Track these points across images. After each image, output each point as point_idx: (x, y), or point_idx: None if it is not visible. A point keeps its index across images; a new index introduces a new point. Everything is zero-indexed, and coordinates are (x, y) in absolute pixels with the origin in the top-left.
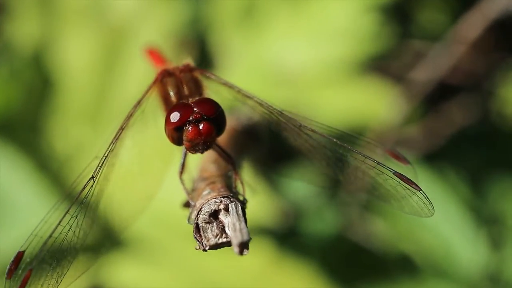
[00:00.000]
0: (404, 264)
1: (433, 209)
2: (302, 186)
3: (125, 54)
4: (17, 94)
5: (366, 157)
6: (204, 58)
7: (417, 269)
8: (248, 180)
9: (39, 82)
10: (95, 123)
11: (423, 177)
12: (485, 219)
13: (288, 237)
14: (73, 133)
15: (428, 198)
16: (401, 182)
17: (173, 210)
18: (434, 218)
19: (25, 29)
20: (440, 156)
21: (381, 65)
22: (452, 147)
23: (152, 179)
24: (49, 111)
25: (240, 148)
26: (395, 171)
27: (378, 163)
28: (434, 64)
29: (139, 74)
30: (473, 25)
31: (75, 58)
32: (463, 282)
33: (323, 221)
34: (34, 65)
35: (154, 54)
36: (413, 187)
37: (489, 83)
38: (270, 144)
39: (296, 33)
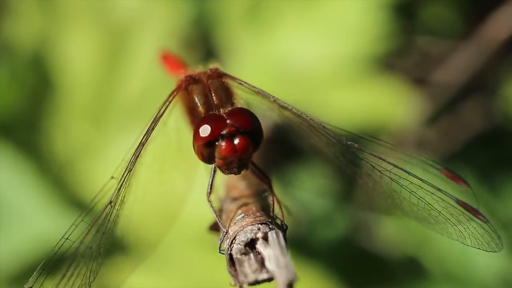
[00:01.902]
0: (415, 269)
1: (502, 244)
2: (307, 173)
3: (128, 53)
4: (17, 95)
5: (423, 182)
6: (210, 56)
7: (429, 274)
8: (284, 201)
9: (40, 82)
10: (97, 123)
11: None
12: (501, 222)
13: (297, 240)
14: (75, 134)
15: (496, 231)
16: (465, 212)
17: (182, 215)
18: None
19: (26, 28)
20: (456, 158)
21: (393, 63)
22: (467, 148)
23: (173, 200)
24: (50, 111)
25: (269, 161)
26: (458, 199)
27: (439, 189)
28: (455, 66)
29: (143, 73)
30: (502, 25)
31: (77, 57)
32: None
33: (332, 224)
34: (35, 65)
35: (170, 60)
36: (479, 218)
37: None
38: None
39: (305, 30)
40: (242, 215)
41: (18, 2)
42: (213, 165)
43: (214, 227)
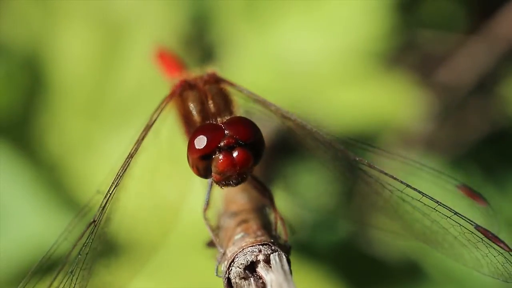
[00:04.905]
0: (415, 272)
1: None
2: (312, 187)
3: (124, 48)
4: (11, 93)
5: (439, 204)
6: (209, 53)
7: (429, 276)
8: (287, 217)
9: (34, 80)
10: (92, 120)
11: None
12: (507, 219)
13: (299, 243)
14: (70, 131)
15: None
16: (485, 239)
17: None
18: None
19: (20, 26)
20: (462, 156)
21: (397, 60)
22: (472, 146)
23: (166, 214)
24: (45, 109)
25: (271, 171)
26: (478, 225)
27: (456, 213)
28: (461, 64)
29: (138, 69)
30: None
31: (72, 54)
32: None
33: (333, 228)
34: (29, 63)
35: (166, 58)
36: (501, 247)
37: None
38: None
39: (306, 26)
40: (242, 234)
41: (13, 0)
42: (209, 179)
43: (212, 244)
